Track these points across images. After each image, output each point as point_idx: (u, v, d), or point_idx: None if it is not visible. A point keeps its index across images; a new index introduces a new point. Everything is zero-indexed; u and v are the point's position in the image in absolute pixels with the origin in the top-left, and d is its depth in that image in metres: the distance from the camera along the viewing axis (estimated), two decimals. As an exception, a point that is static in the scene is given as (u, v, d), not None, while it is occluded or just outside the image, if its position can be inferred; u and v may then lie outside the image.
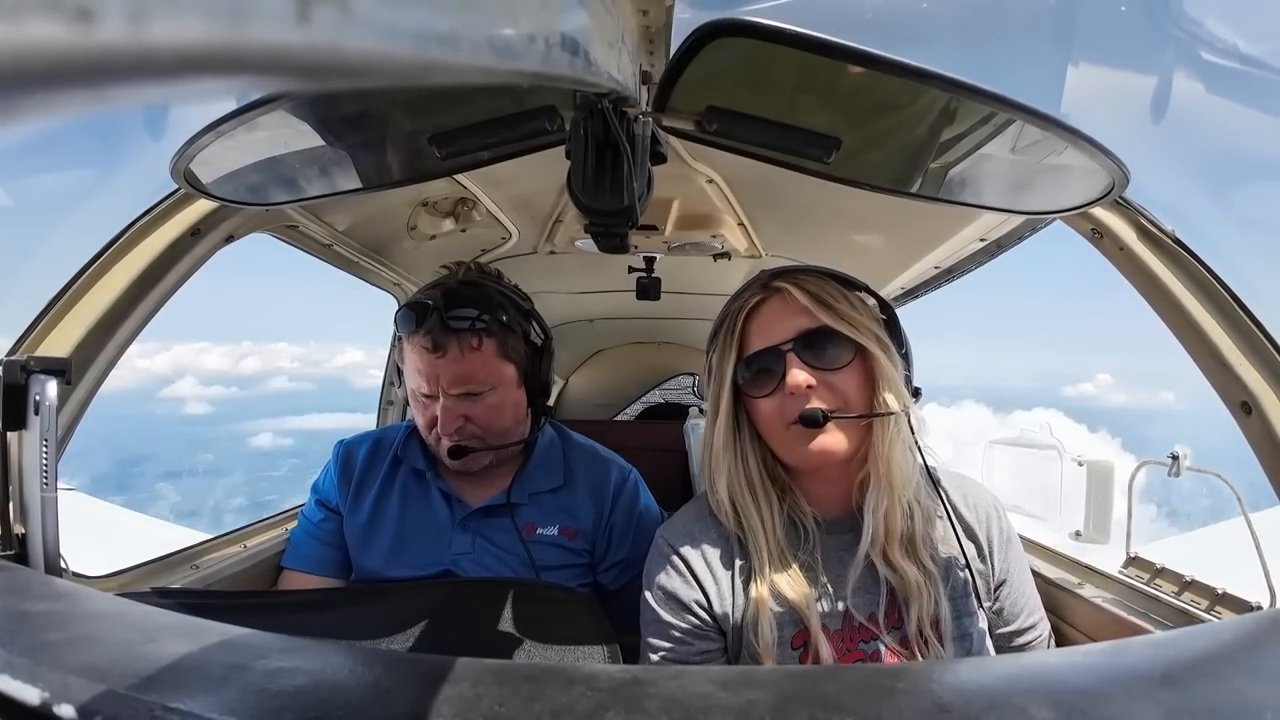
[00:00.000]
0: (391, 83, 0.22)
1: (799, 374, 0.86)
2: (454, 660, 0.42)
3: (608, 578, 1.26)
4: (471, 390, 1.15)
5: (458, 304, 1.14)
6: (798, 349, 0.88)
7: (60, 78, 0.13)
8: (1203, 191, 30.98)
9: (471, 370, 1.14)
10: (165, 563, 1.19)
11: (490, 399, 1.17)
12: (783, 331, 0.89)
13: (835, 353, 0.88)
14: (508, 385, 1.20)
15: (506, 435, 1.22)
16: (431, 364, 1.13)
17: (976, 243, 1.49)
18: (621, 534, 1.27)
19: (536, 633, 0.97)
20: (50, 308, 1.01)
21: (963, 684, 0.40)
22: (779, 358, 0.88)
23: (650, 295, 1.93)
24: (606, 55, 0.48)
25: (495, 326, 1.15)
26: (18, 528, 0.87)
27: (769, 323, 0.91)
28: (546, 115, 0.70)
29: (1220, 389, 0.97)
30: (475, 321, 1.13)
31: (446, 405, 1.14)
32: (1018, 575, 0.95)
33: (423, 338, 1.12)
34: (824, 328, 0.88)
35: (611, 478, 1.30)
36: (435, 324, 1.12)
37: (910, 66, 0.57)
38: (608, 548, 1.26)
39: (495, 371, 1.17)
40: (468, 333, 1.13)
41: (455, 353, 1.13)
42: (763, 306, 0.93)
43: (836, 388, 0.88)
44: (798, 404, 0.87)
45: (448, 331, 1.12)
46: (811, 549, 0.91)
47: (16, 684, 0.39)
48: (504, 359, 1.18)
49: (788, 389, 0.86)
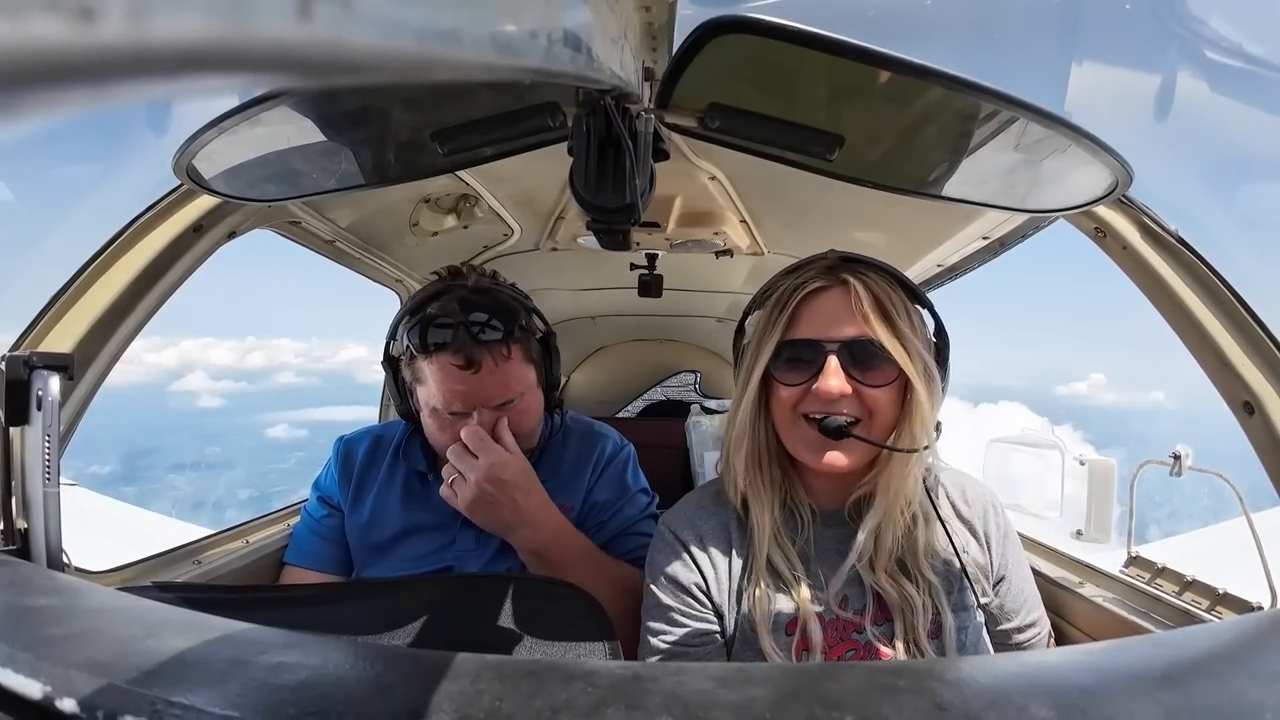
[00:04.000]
0: (393, 79, 0.22)
1: (834, 380, 0.83)
2: (455, 656, 0.42)
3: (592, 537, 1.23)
4: (508, 400, 1.12)
5: (479, 313, 1.08)
6: (843, 353, 0.84)
7: (62, 75, 0.13)
8: (1206, 191, 30.73)
9: (507, 381, 1.11)
10: (167, 558, 1.20)
11: (520, 405, 1.15)
12: (834, 329, 0.85)
13: (879, 369, 0.84)
14: (533, 389, 1.18)
15: (532, 437, 1.22)
16: (464, 380, 1.08)
17: (979, 241, 1.49)
18: (604, 507, 1.25)
19: (537, 629, 0.97)
20: (53, 303, 1.01)
21: (963, 683, 0.40)
22: (820, 354, 0.84)
23: (652, 292, 1.93)
24: (609, 52, 0.48)
25: (519, 333, 1.12)
26: (20, 522, 0.87)
27: (823, 314, 0.86)
28: (549, 112, 0.70)
29: (1222, 389, 0.97)
30: (501, 330, 1.09)
31: (485, 420, 1.10)
32: (1016, 571, 0.95)
33: (452, 355, 1.06)
34: (877, 341, 0.83)
35: (604, 453, 1.30)
36: (464, 339, 1.06)
37: (913, 64, 0.57)
38: (587, 517, 1.25)
39: (523, 377, 1.15)
40: (497, 344, 1.08)
41: (490, 366, 1.08)
42: (822, 294, 0.87)
43: (868, 402, 0.84)
44: (820, 405, 0.84)
45: (478, 345, 1.07)
46: (807, 538, 0.91)
47: (19, 678, 0.39)
48: (528, 363, 1.16)
49: (818, 391, 0.83)
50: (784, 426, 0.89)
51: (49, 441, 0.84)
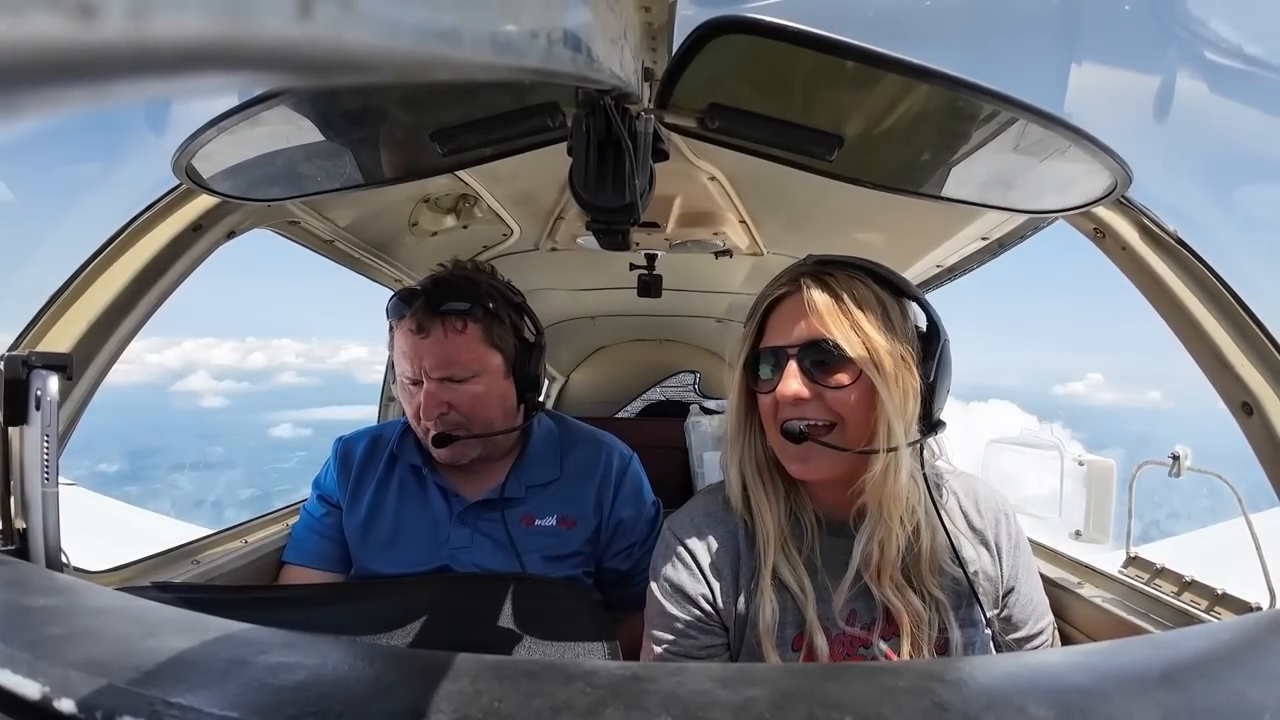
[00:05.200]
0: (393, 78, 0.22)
1: (792, 383, 0.83)
2: (454, 656, 0.42)
3: (615, 562, 1.27)
4: (454, 375, 1.15)
5: (444, 289, 1.16)
6: (801, 356, 0.84)
7: (62, 73, 0.13)
8: (1206, 191, 30.66)
9: (455, 353, 1.15)
10: (166, 557, 1.19)
11: (473, 386, 1.17)
12: (792, 333, 0.85)
13: (836, 368, 0.83)
14: (492, 374, 1.19)
15: (491, 426, 1.21)
16: (415, 345, 1.14)
17: (978, 241, 1.49)
18: (629, 524, 1.28)
19: (536, 628, 0.97)
20: (52, 303, 1.01)
21: (962, 683, 0.40)
22: (783, 359, 0.85)
23: (651, 293, 1.93)
24: (609, 52, 0.48)
25: (480, 313, 1.16)
26: (19, 522, 0.87)
27: (784, 320, 0.87)
28: (548, 112, 0.70)
29: (1221, 389, 0.97)
30: (458, 303, 1.15)
31: (429, 389, 1.15)
32: (1026, 581, 0.94)
33: (409, 320, 1.14)
34: (831, 340, 0.82)
35: (613, 466, 1.30)
36: (421, 307, 1.14)
37: (913, 65, 0.57)
38: (613, 536, 1.27)
39: (479, 357, 1.17)
40: (451, 315, 1.14)
41: (439, 334, 1.14)
42: (786, 301, 0.88)
43: (834, 405, 0.83)
44: (786, 411, 0.84)
45: (432, 314, 1.14)
46: (812, 547, 0.90)
47: (17, 678, 0.39)
48: (489, 346, 1.18)
49: (778, 396, 0.84)
50: (769, 436, 0.89)
51: (48, 441, 0.84)
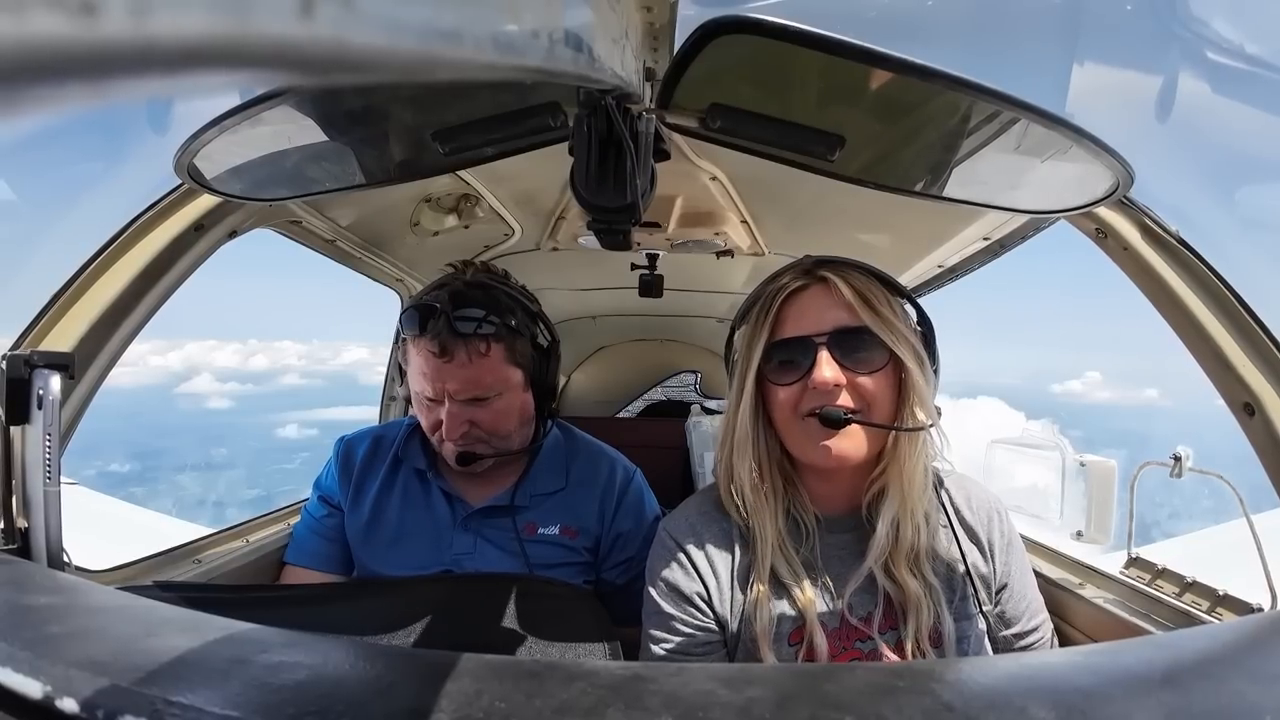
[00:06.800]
0: (395, 78, 0.22)
1: (827, 370, 0.84)
2: (455, 656, 0.42)
3: (613, 574, 1.26)
4: (478, 396, 1.12)
5: (465, 307, 1.10)
6: (832, 344, 0.85)
7: (63, 71, 0.13)
8: (1208, 192, 31.38)
9: (479, 376, 1.11)
10: (168, 557, 1.19)
11: (497, 404, 1.15)
12: (819, 323, 0.86)
13: (870, 355, 0.86)
14: (514, 390, 1.17)
15: (511, 439, 1.20)
16: (438, 369, 1.10)
17: (980, 242, 1.49)
18: (629, 537, 1.26)
19: (538, 629, 0.97)
20: (54, 302, 1.01)
21: (963, 683, 0.40)
22: (810, 349, 0.85)
23: (653, 292, 1.93)
24: (610, 52, 0.48)
25: (504, 331, 1.12)
26: (21, 521, 0.87)
27: (806, 311, 0.88)
28: (550, 111, 0.70)
29: (1223, 390, 0.97)
30: (482, 324, 1.09)
31: (452, 411, 1.11)
32: (1019, 578, 0.95)
33: (429, 341, 1.09)
34: (863, 328, 0.85)
35: (616, 479, 1.29)
36: (442, 328, 1.08)
37: (915, 64, 0.57)
38: (612, 548, 1.26)
39: (502, 377, 1.14)
40: (475, 338, 1.09)
41: (463, 358, 1.09)
42: (803, 293, 0.89)
43: (864, 391, 0.85)
44: (819, 399, 0.85)
45: (455, 336, 1.08)
46: (811, 546, 0.90)
47: (18, 677, 0.39)
48: (511, 364, 1.15)
49: (813, 383, 0.84)
50: (786, 429, 0.89)
51: (49, 440, 0.84)
